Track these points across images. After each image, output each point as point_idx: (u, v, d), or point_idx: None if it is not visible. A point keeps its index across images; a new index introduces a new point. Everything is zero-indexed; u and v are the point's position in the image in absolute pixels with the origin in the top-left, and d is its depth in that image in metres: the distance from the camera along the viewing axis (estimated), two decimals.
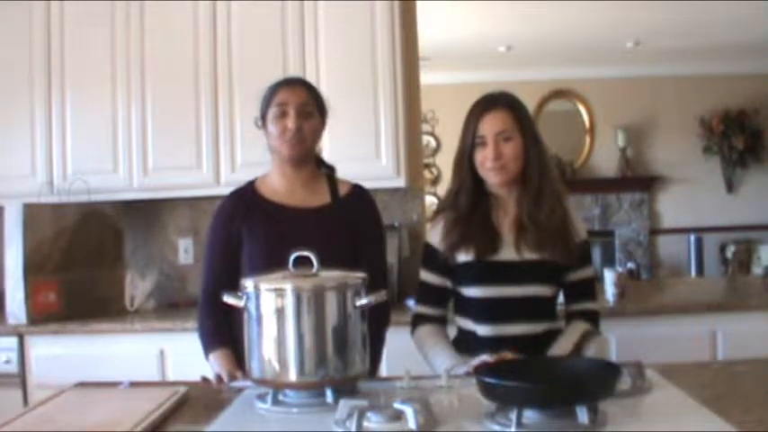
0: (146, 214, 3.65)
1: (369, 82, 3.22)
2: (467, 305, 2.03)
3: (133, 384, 1.82)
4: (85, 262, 3.21)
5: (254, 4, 3.28)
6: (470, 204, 2.00)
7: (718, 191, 8.15)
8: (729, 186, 8.15)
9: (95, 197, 3.27)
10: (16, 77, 3.37)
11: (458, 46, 6.89)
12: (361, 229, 2.13)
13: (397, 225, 3.44)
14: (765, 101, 8.01)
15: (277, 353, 1.57)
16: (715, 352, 2.89)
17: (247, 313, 1.62)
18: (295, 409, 1.55)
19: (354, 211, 2.13)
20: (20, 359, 3.03)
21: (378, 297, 1.62)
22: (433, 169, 8.00)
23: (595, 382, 1.40)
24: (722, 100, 7.99)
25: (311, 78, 2.73)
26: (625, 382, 1.52)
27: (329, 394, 1.55)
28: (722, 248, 7.84)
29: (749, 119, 8.01)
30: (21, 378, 3.02)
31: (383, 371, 2.23)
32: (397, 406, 1.33)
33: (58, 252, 3.11)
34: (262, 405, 1.57)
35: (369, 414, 1.33)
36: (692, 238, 7.82)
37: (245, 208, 2.11)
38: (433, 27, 5.52)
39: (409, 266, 3.27)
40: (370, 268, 1.76)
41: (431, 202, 5.95)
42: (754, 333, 2.82)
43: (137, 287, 3.42)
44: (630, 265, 7.45)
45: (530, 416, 1.36)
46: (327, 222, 2.07)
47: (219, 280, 2.03)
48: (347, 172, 2.22)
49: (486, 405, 1.43)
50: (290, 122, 2.02)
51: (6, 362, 3.02)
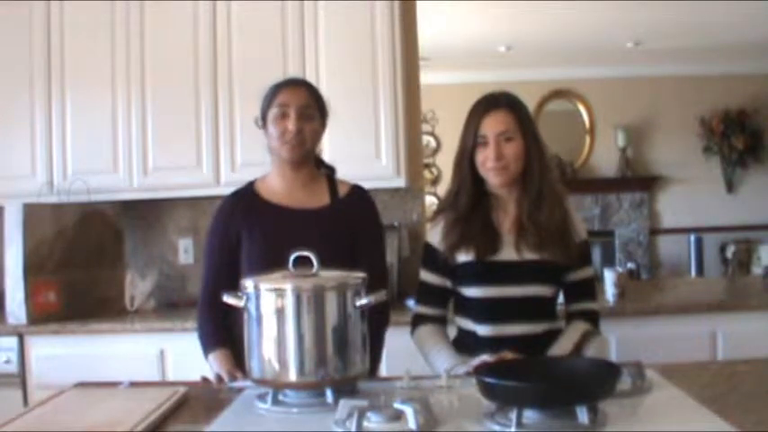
0: (146, 214, 3.65)
1: (369, 82, 3.22)
2: (467, 305, 2.03)
3: (133, 384, 1.82)
4: (85, 262, 3.21)
5: (254, 4, 3.28)
6: (470, 204, 2.00)
7: (718, 191, 8.15)
8: (729, 186, 8.15)
9: (95, 197, 3.27)
10: (16, 77, 3.37)
11: (458, 46, 6.89)
12: (361, 230, 2.12)
13: (397, 225, 3.44)
14: (765, 101, 8.01)
15: (277, 353, 1.57)
16: (715, 352, 2.89)
17: (247, 313, 1.62)
18: (295, 409, 1.55)
19: (354, 212, 2.13)
20: (20, 359, 3.03)
21: (378, 297, 1.62)
22: (433, 169, 8.00)
23: (595, 382, 1.41)
24: (722, 100, 7.99)
25: (311, 79, 2.73)
26: (625, 382, 1.52)
27: (329, 394, 1.55)
28: (722, 248, 7.84)
29: (749, 119, 8.01)
30: (21, 378, 3.02)
31: (383, 371, 2.23)
32: (397, 406, 1.33)
33: (58, 252, 3.11)
34: (262, 405, 1.57)
35: (369, 414, 1.33)
36: (692, 238, 7.82)
37: (244, 208, 2.11)
38: (433, 27, 5.53)
39: (409, 266, 3.28)
40: (369, 268, 1.76)
41: (431, 202, 5.95)
42: (754, 333, 2.82)
43: (137, 287, 3.42)
44: (630, 265, 7.44)
45: (530, 416, 1.36)
46: (327, 223, 2.07)
47: (219, 280, 2.02)
48: (347, 172, 2.22)
49: (486, 405, 1.43)
50: (291, 124, 2.02)
51: (6, 362, 3.02)
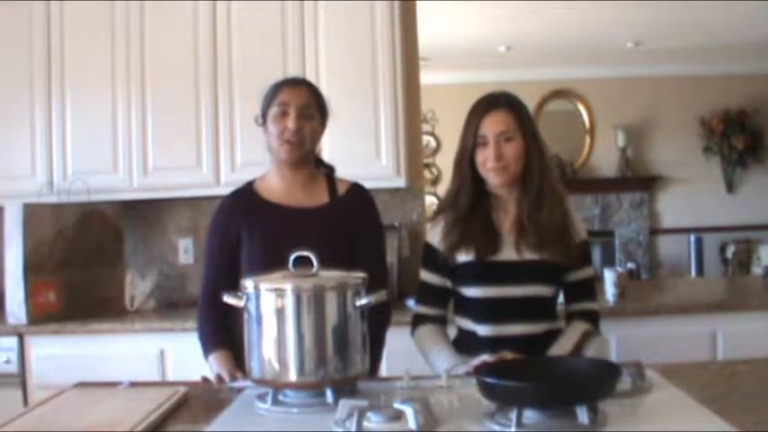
0: (146, 214, 3.65)
1: (369, 82, 3.22)
2: (467, 305, 2.03)
3: (133, 384, 1.82)
4: (85, 262, 3.21)
5: (254, 4, 3.28)
6: (471, 204, 2.00)
7: (718, 191, 8.15)
8: (729, 186, 8.15)
9: (95, 197, 3.27)
10: (16, 77, 3.37)
11: (458, 46, 6.89)
12: (361, 229, 2.12)
13: (397, 225, 3.44)
14: (765, 101, 8.01)
15: (277, 353, 1.57)
16: (715, 352, 2.89)
17: (247, 313, 1.62)
18: (295, 409, 1.55)
19: (353, 211, 2.13)
20: (20, 359, 3.03)
21: (378, 297, 1.62)
22: (433, 169, 8.00)
23: (595, 382, 1.40)
24: (722, 100, 7.99)
25: (311, 79, 2.72)
26: (625, 382, 1.52)
27: (329, 394, 1.55)
28: (722, 248, 7.84)
29: (749, 119, 8.01)
30: (21, 378, 3.02)
31: (383, 371, 2.23)
32: (397, 406, 1.33)
33: (58, 252, 3.11)
34: (262, 405, 1.57)
35: (369, 414, 1.33)
36: (692, 238, 7.82)
37: (243, 208, 2.11)
38: (433, 27, 5.52)
39: (409, 266, 3.28)
40: (369, 268, 1.76)
41: (431, 202, 5.95)
42: (754, 333, 2.82)
43: (137, 287, 3.42)
44: (630, 265, 7.44)
45: (530, 416, 1.36)
46: (326, 222, 2.07)
47: (219, 280, 2.02)
48: (347, 172, 2.22)
49: (486, 405, 1.43)
50: (291, 123, 2.02)
51: (6, 362, 3.02)
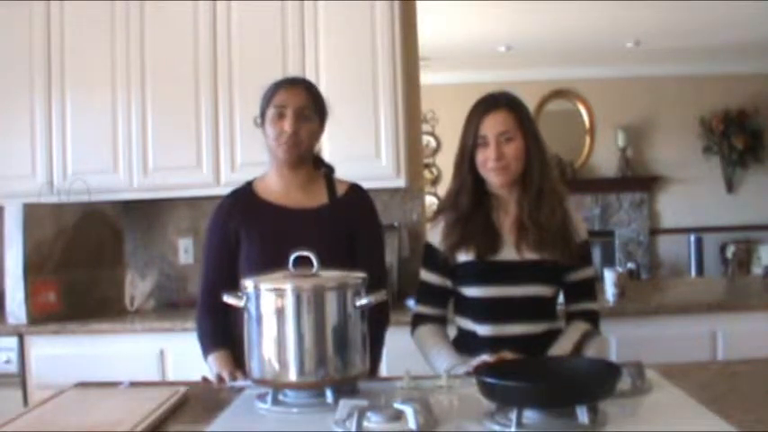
0: (146, 214, 3.65)
1: (369, 82, 3.22)
2: (467, 305, 2.03)
3: (133, 384, 1.82)
4: (85, 262, 3.21)
5: (254, 4, 3.28)
6: (471, 204, 2.00)
7: (719, 191, 8.15)
8: (729, 186, 8.15)
9: (95, 197, 3.27)
10: (16, 77, 3.36)
11: (458, 46, 6.89)
12: (360, 229, 2.12)
13: (397, 225, 3.44)
14: (765, 101, 8.01)
15: (277, 353, 1.57)
16: (715, 352, 2.89)
17: (247, 313, 1.61)
18: (295, 409, 1.55)
19: (352, 211, 2.13)
20: (20, 359, 3.03)
21: (378, 297, 1.62)
22: (433, 169, 8.00)
23: (595, 382, 1.40)
24: (722, 100, 7.99)
25: (311, 78, 2.72)
26: (625, 382, 1.52)
27: (329, 394, 1.55)
28: (722, 248, 7.84)
29: (749, 119, 8.01)
30: (21, 378, 3.02)
31: (383, 371, 2.23)
32: (397, 406, 1.33)
33: (58, 252, 3.11)
34: (262, 405, 1.57)
35: (369, 414, 1.33)
36: (692, 238, 7.82)
37: (242, 208, 2.11)
38: (433, 27, 5.52)
39: (409, 266, 3.28)
40: (368, 268, 1.76)
41: (431, 202, 5.95)
42: (754, 333, 2.82)
43: (137, 287, 3.42)
44: (630, 265, 7.45)
45: (530, 416, 1.36)
46: (325, 222, 2.07)
47: (218, 280, 2.03)
48: (347, 172, 2.22)
49: (486, 405, 1.43)
50: (287, 125, 2.01)
51: (6, 362, 3.02)
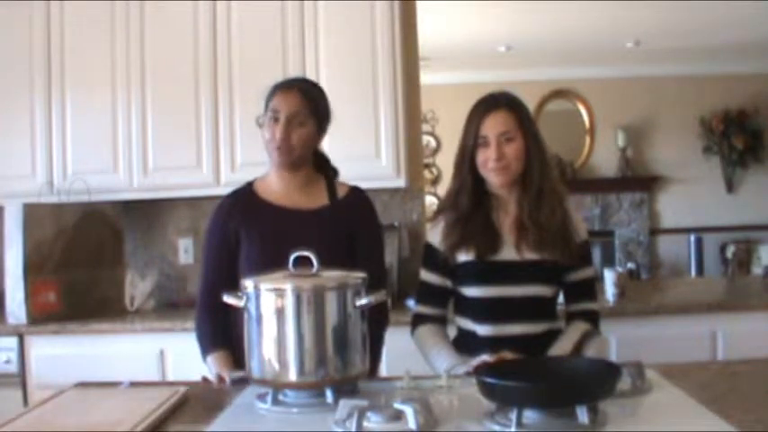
0: (146, 214, 3.65)
1: (369, 82, 3.22)
2: (467, 305, 2.03)
3: (133, 384, 1.82)
4: (85, 262, 3.21)
5: (254, 4, 3.28)
6: (471, 204, 2.00)
7: (719, 191, 8.15)
8: (729, 186, 8.15)
9: (95, 197, 3.27)
10: (16, 77, 3.37)
11: (458, 46, 6.89)
12: (360, 230, 2.12)
13: (397, 225, 3.44)
14: (765, 101, 8.01)
15: (277, 353, 1.57)
16: (715, 352, 2.89)
17: (247, 313, 1.61)
18: (295, 409, 1.55)
19: (353, 213, 2.12)
20: (20, 359, 3.03)
21: (377, 297, 1.62)
22: (433, 169, 8.00)
23: (595, 382, 1.40)
24: (722, 100, 7.99)
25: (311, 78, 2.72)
26: (625, 382, 1.52)
27: (329, 394, 1.55)
28: (722, 248, 7.84)
29: (749, 119, 8.01)
30: (21, 378, 3.02)
31: (383, 371, 2.23)
32: (397, 406, 1.33)
33: (58, 252, 3.11)
34: (262, 405, 1.57)
35: (369, 414, 1.33)
36: (692, 238, 7.82)
37: (242, 208, 2.11)
38: (433, 27, 5.52)
39: (409, 266, 3.28)
40: (368, 268, 1.75)
41: (431, 202, 5.95)
42: (754, 333, 2.82)
43: (137, 287, 3.42)
44: (630, 265, 7.45)
45: (530, 416, 1.36)
46: (325, 224, 2.07)
47: (217, 280, 2.03)
48: (347, 172, 2.22)
49: (486, 405, 1.43)
50: (278, 132, 2.01)
51: (6, 362, 3.02)
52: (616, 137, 8.14)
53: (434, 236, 2.06)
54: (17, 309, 3.04)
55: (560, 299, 2.08)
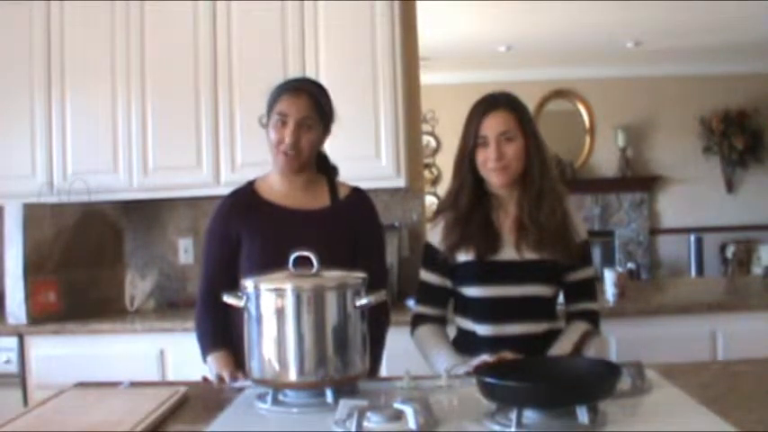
0: (146, 214, 3.65)
1: (369, 82, 3.22)
2: (467, 305, 2.03)
3: (133, 384, 1.82)
4: (85, 262, 3.21)
5: (254, 4, 3.28)
6: (471, 204, 2.00)
7: (719, 191, 8.15)
8: (729, 186, 8.15)
9: (95, 197, 3.27)
10: (16, 77, 3.37)
11: (458, 46, 6.89)
12: (361, 232, 2.12)
13: (397, 225, 3.44)
14: (765, 101, 8.01)
15: (277, 353, 1.57)
16: (715, 352, 2.89)
17: (247, 313, 1.62)
18: (295, 409, 1.55)
19: (354, 214, 2.12)
20: (20, 359, 3.03)
21: (378, 297, 1.62)
22: (433, 169, 8.00)
23: (595, 382, 1.40)
24: (722, 100, 7.99)
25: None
26: (625, 382, 1.52)
27: (329, 394, 1.55)
28: (722, 248, 7.84)
29: (749, 119, 8.01)
30: (21, 378, 3.02)
31: (383, 371, 2.23)
32: (397, 406, 1.33)
33: (57, 252, 3.11)
34: (262, 405, 1.57)
35: (369, 414, 1.33)
36: (692, 238, 7.82)
37: (243, 208, 2.11)
38: (433, 27, 5.52)
39: (409, 266, 3.28)
40: (369, 268, 1.76)
41: (431, 202, 5.96)
42: (754, 333, 2.82)
43: (137, 287, 3.42)
44: (630, 265, 7.45)
45: (530, 416, 1.36)
46: (326, 224, 2.07)
47: (217, 280, 2.02)
48: (347, 172, 2.22)
49: (486, 405, 1.43)
50: (288, 136, 2.00)
51: (6, 362, 3.02)
52: (616, 137, 8.14)
53: (434, 236, 2.06)
54: (17, 309, 3.04)
55: (560, 299, 2.08)
